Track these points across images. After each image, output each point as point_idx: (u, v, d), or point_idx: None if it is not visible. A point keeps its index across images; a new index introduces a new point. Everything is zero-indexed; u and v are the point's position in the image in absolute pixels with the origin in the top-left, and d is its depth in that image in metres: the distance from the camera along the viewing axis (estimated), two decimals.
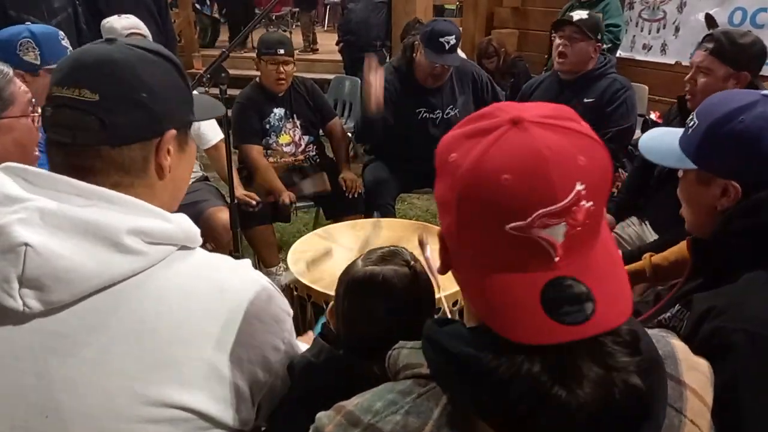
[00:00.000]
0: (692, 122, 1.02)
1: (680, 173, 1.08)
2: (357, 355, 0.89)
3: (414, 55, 2.67)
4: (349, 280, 0.95)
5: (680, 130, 1.07)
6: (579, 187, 0.51)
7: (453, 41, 2.53)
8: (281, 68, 2.60)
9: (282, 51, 2.58)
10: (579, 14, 2.51)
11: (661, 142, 1.09)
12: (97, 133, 0.72)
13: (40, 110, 1.36)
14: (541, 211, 0.50)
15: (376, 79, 2.41)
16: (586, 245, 0.55)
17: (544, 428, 0.51)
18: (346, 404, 0.61)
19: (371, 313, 0.91)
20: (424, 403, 0.57)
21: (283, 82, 2.63)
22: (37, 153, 1.38)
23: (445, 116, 2.74)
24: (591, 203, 0.52)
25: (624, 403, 0.51)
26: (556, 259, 0.52)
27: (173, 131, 0.78)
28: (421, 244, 1.24)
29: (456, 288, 0.70)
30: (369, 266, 0.94)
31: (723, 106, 0.97)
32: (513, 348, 0.51)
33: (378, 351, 0.85)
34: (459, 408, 0.55)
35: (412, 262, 0.96)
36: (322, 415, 0.62)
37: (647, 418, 0.54)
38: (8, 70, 1.30)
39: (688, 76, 1.95)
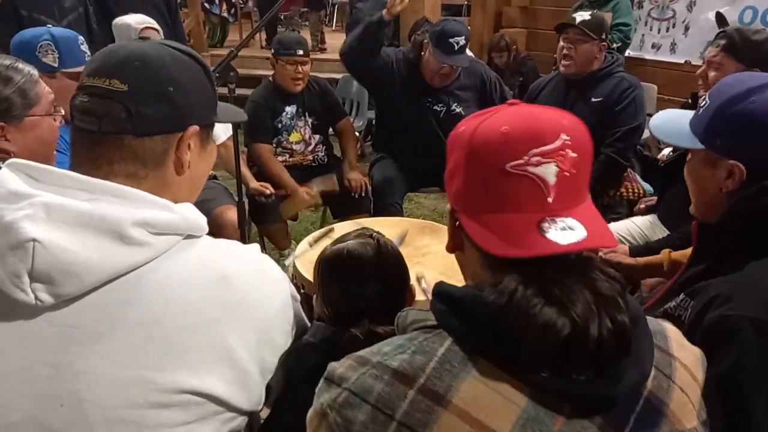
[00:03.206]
0: (704, 102, 1.02)
1: (688, 156, 1.08)
2: (341, 329, 0.93)
3: (422, 53, 2.66)
4: (320, 261, 1.02)
5: (692, 112, 1.07)
6: (564, 137, 0.63)
7: (462, 42, 2.52)
8: (299, 68, 2.62)
9: (301, 52, 2.61)
10: (581, 15, 2.49)
11: (671, 122, 1.09)
12: (123, 121, 0.74)
13: (61, 110, 1.42)
14: (534, 150, 0.62)
15: None
16: (575, 196, 0.65)
17: (532, 353, 0.57)
18: (355, 353, 0.65)
19: (344, 285, 0.97)
20: (430, 344, 0.62)
21: (300, 82, 2.66)
22: (54, 153, 1.43)
23: (450, 111, 2.74)
24: (576, 154, 0.63)
25: (611, 341, 0.57)
26: (550, 199, 0.62)
27: (195, 127, 0.80)
28: (418, 280, 1.33)
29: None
30: (335, 245, 1.02)
31: (735, 87, 0.97)
32: (512, 277, 0.59)
33: (356, 320, 0.92)
34: (462, 346, 0.61)
35: (376, 235, 1.03)
36: (333, 363, 0.65)
37: (631, 360, 0.60)
38: (34, 72, 1.35)
39: (699, 71, 1.98)
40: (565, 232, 0.60)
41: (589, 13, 2.53)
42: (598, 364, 0.57)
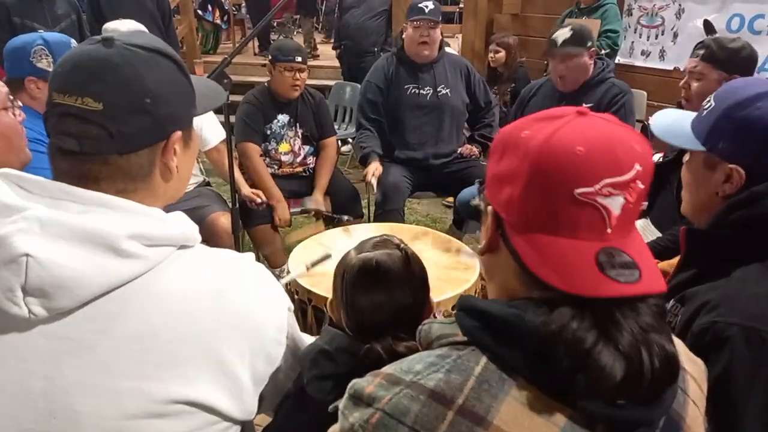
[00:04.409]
0: (708, 104, 1.01)
1: (686, 157, 1.07)
2: (362, 340, 0.91)
3: (403, 36, 2.88)
4: (345, 270, 0.97)
5: (693, 114, 1.07)
6: (638, 167, 0.59)
7: (431, 6, 2.77)
8: (297, 75, 2.63)
9: (299, 59, 2.62)
10: (563, 35, 2.51)
11: (673, 121, 1.08)
12: (104, 142, 0.71)
13: (19, 102, 1.37)
14: (608, 180, 0.58)
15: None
16: (629, 225, 0.62)
17: (582, 388, 0.55)
18: (384, 369, 0.63)
19: (372, 299, 0.93)
20: (465, 363, 0.60)
21: (297, 89, 2.67)
22: (29, 153, 1.38)
23: (437, 93, 2.86)
24: (642, 186, 0.60)
25: (663, 372, 0.56)
26: (609, 230, 0.59)
27: (179, 133, 0.78)
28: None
29: (454, 293, 0.73)
30: (362, 254, 0.97)
31: (742, 92, 0.97)
32: (563, 309, 0.57)
33: (380, 333, 0.88)
34: (498, 365, 0.59)
35: (402, 245, 0.99)
36: (359, 380, 0.63)
37: (674, 384, 0.60)
38: None
39: (682, 82, 2.03)
40: (622, 271, 0.58)
41: (569, 28, 2.55)
42: (647, 394, 0.57)
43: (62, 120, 0.72)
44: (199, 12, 7.00)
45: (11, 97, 1.35)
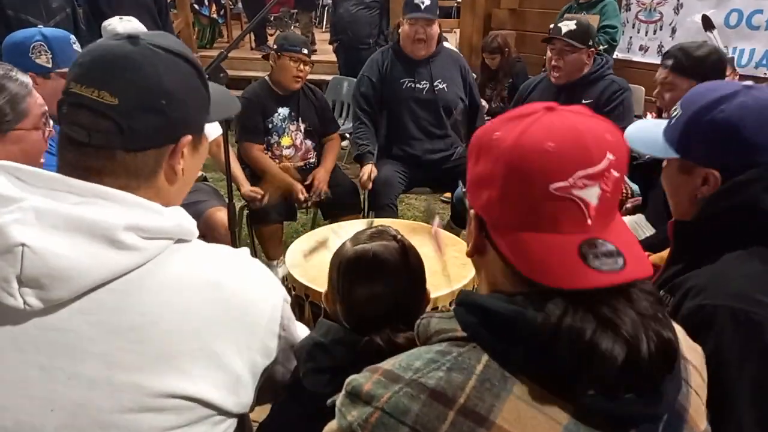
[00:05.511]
0: (676, 112, 1.04)
1: (664, 163, 1.09)
2: (359, 332, 0.90)
3: (399, 31, 2.87)
4: (341, 262, 0.96)
5: (665, 122, 1.09)
6: (610, 156, 0.59)
7: (428, 2, 2.71)
8: (301, 67, 2.65)
9: (305, 51, 2.65)
10: (567, 25, 2.52)
11: (646, 132, 1.10)
12: (113, 136, 0.72)
13: (51, 122, 1.39)
14: (580, 173, 0.58)
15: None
16: (610, 214, 0.62)
17: (585, 378, 0.55)
18: (382, 365, 0.62)
19: (369, 291, 0.92)
20: (466, 361, 0.59)
21: (299, 80, 2.68)
22: (42, 160, 1.40)
23: (433, 87, 2.84)
24: (618, 174, 0.60)
25: (659, 359, 0.56)
26: (589, 221, 0.60)
27: (189, 137, 0.78)
28: (431, 215, 1.26)
29: (451, 289, 0.72)
30: (358, 245, 0.96)
31: (705, 96, 0.99)
32: (556, 300, 0.57)
33: (377, 325, 0.88)
34: (500, 362, 0.58)
35: (399, 236, 0.98)
36: (356, 377, 0.62)
37: (671, 373, 0.59)
38: (28, 81, 1.32)
39: (655, 92, 2.03)
40: (606, 260, 0.58)
41: (575, 21, 2.56)
42: (646, 383, 0.57)
43: (75, 110, 0.73)
44: (196, 6, 6.96)
45: (46, 116, 1.36)
